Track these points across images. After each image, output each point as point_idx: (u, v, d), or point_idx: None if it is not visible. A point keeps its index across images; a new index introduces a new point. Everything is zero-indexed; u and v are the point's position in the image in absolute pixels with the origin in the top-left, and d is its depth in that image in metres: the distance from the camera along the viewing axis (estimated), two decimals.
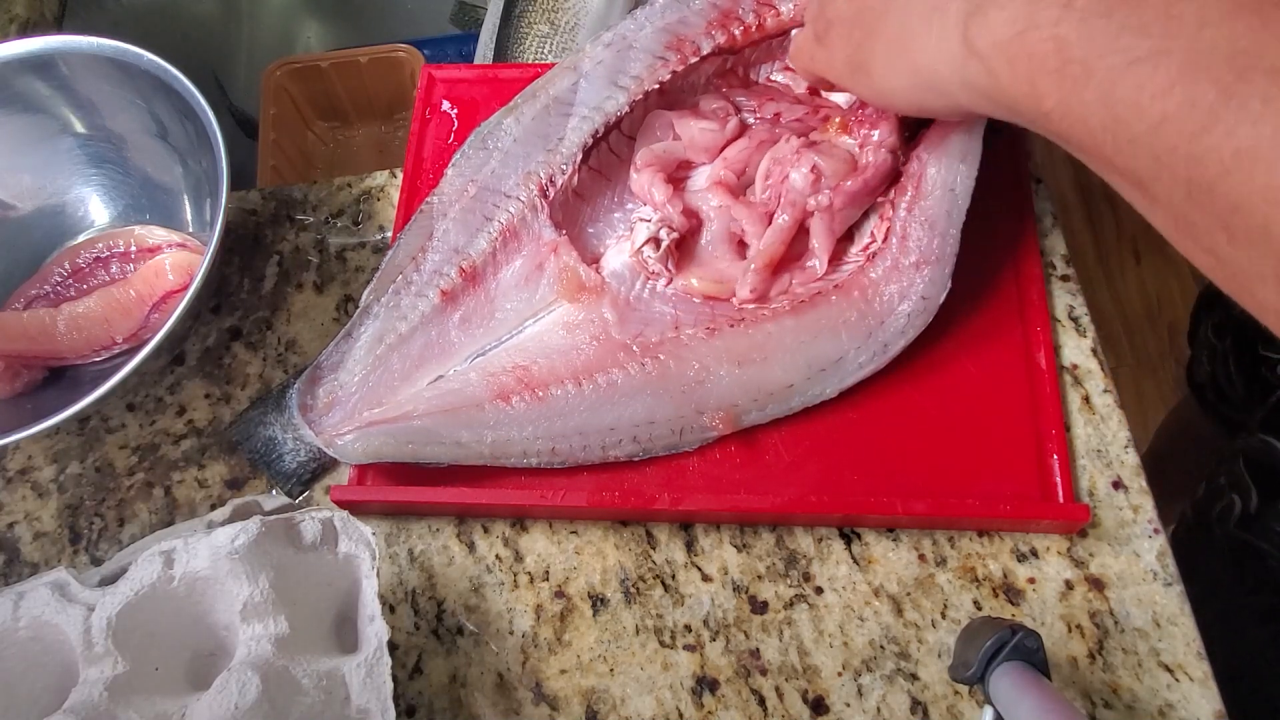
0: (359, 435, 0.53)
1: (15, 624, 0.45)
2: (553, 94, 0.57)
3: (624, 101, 0.56)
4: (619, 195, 0.59)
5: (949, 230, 0.52)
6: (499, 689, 0.51)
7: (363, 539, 0.47)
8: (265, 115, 0.88)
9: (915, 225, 0.52)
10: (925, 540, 0.52)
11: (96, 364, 0.62)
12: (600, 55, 0.57)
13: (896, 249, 0.52)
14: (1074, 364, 0.56)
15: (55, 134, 0.66)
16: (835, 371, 0.53)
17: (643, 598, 0.52)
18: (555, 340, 0.55)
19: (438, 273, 0.56)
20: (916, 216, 0.52)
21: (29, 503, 0.59)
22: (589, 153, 0.56)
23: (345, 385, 0.55)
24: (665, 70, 0.56)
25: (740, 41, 0.56)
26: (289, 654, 0.43)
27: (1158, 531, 0.51)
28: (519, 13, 0.78)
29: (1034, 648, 0.42)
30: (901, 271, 0.52)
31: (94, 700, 0.42)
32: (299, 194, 0.67)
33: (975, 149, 0.52)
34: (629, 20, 0.57)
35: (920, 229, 0.52)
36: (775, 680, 0.50)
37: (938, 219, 0.52)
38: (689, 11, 0.57)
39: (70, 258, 0.65)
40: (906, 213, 0.52)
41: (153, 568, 0.45)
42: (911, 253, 0.52)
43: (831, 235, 0.54)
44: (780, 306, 0.54)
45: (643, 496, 0.52)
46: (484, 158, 0.57)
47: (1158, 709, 0.48)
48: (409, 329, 0.55)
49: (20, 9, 0.80)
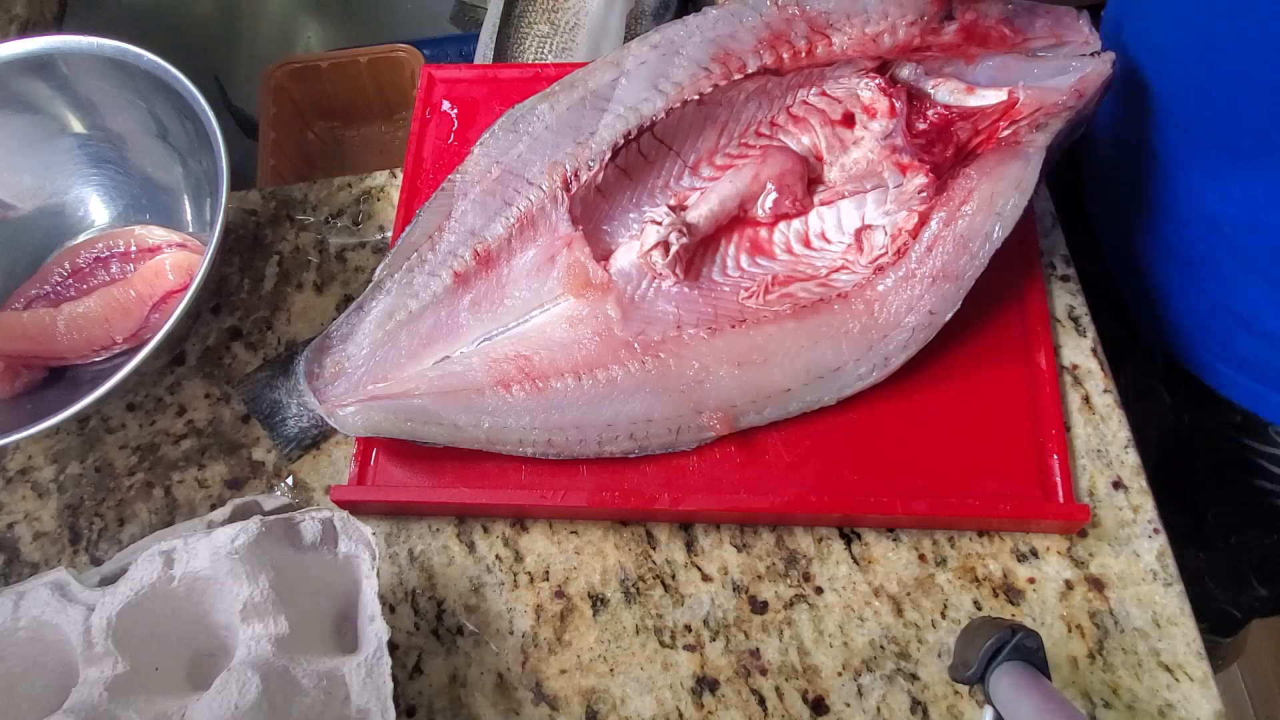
0: (360, 409, 0.53)
1: (15, 624, 0.45)
2: (591, 87, 0.57)
3: (661, 105, 0.56)
4: (639, 196, 0.59)
5: (980, 251, 0.52)
6: (499, 689, 0.51)
7: (363, 539, 0.47)
8: (265, 115, 0.88)
9: (948, 238, 0.52)
10: (925, 540, 0.52)
11: (96, 364, 0.62)
12: (645, 55, 0.57)
13: (916, 260, 0.53)
14: (1074, 364, 0.56)
15: (55, 134, 0.66)
16: (834, 380, 0.53)
17: (643, 598, 0.52)
18: (558, 333, 0.55)
19: (453, 254, 0.56)
20: (953, 230, 0.52)
21: (29, 503, 0.59)
22: (618, 151, 0.56)
23: (352, 357, 0.55)
24: (707, 82, 0.56)
25: (787, 65, 0.56)
26: (289, 654, 0.43)
27: (1158, 531, 0.51)
28: (519, 13, 0.78)
29: (1034, 648, 0.42)
30: (914, 282, 0.52)
31: (94, 700, 0.42)
32: (299, 194, 0.67)
33: (1031, 180, 0.52)
34: (679, 25, 0.57)
35: (952, 243, 0.52)
36: (775, 680, 0.50)
37: (973, 237, 0.52)
38: (740, 27, 0.56)
39: (70, 258, 0.65)
40: (942, 226, 0.53)
41: (153, 568, 0.45)
42: (933, 265, 0.52)
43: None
44: (782, 310, 0.54)
45: (643, 496, 0.52)
46: (512, 140, 0.57)
47: (1158, 709, 0.48)
48: (420, 307, 0.55)
49: (20, 9, 0.80)
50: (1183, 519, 0.70)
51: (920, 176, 0.54)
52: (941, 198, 0.53)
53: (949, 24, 0.54)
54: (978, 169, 0.53)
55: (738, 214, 0.58)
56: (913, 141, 0.55)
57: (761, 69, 0.56)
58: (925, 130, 0.55)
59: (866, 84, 0.57)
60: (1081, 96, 0.52)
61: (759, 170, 0.57)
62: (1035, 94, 0.53)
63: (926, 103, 0.56)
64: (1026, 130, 0.53)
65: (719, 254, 0.58)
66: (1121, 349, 0.63)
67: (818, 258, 0.57)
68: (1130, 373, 0.70)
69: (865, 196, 0.58)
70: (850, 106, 0.57)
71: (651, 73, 0.57)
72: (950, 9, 0.54)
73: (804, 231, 0.58)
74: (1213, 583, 0.78)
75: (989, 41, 0.54)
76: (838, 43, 0.56)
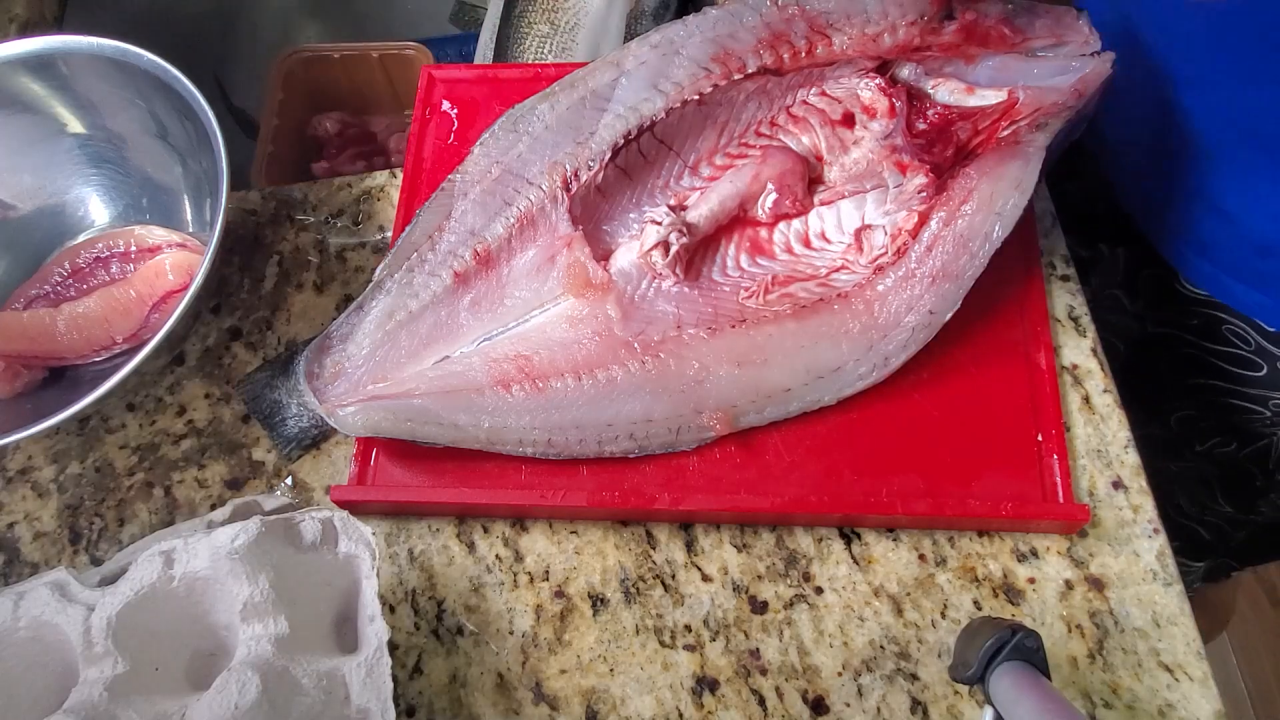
0: (360, 408, 0.53)
1: (15, 624, 0.45)
2: (591, 87, 0.57)
3: (661, 105, 0.56)
4: (639, 196, 0.59)
5: (980, 251, 0.52)
6: (499, 689, 0.51)
7: (363, 539, 0.47)
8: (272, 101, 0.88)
9: (948, 238, 0.52)
10: (925, 540, 0.52)
11: (96, 364, 0.62)
12: (645, 56, 0.57)
13: (916, 260, 0.53)
14: (1074, 364, 0.56)
15: (55, 134, 0.66)
16: (834, 380, 0.53)
17: (643, 598, 0.52)
18: (558, 333, 0.55)
19: (453, 254, 0.56)
20: (953, 229, 0.52)
21: (29, 503, 0.59)
22: (618, 151, 0.56)
23: (353, 357, 0.55)
24: (707, 82, 0.56)
25: (787, 65, 0.56)
26: (289, 654, 0.43)
27: (1158, 531, 0.51)
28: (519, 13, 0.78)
29: (1034, 648, 0.43)
30: (914, 282, 0.52)
31: (94, 700, 0.42)
32: (299, 194, 0.67)
33: (1031, 180, 0.52)
34: (679, 25, 0.57)
35: (952, 243, 0.52)
36: (775, 680, 0.50)
37: (973, 237, 0.52)
38: (740, 27, 0.56)
39: (70, 258, 0.65)
40: (942, 225, 0.53)
41: (153, 568, 0.45)
42: (933, 265, 0.52)
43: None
44: (782, 310, 0.54)
45: (643, 496, 0.52)
46: (512, 140, 0.57)
47: (1158, 709, 0.48)
48: (420, 307, 0.56)
49: (20, 9, 0.80)
50: (1155, 430, 0.74)
51: (920, 176, 0.54)
52: (941, 197, 0.53)
53: (949, 24, 0.54)
54: (977, 169, 0.53)
55: (738, 214, 0.58)
56: (913, 141, 0.55)
57: (761, 69, 0.56)
58: (925, 130, 0.55)
59: (866, 84, 0.57)
60: (1081, 96, 0.52)
61: (759, 170, 0.57)
62: (1035, 94, 0.53)
63: (926, 103, 0.56)
64: (1026, 130, 0.53)
65: (719, 254, 0.58)
66: (1085, 266, 0.66)
67: (818, 258, 0.57)
68: (1095, 284, 0.72)
69: (865, 196, 0.58)
70: (850, 106, 0.57)
71: (651, 73, 0.57)
72: (950, 9, 0.54)
73: (804, 231, 0.58)
74: (1181, 496, 0.80)
75: (989, 41, 0.54)
76: (838, 43, 0.56)
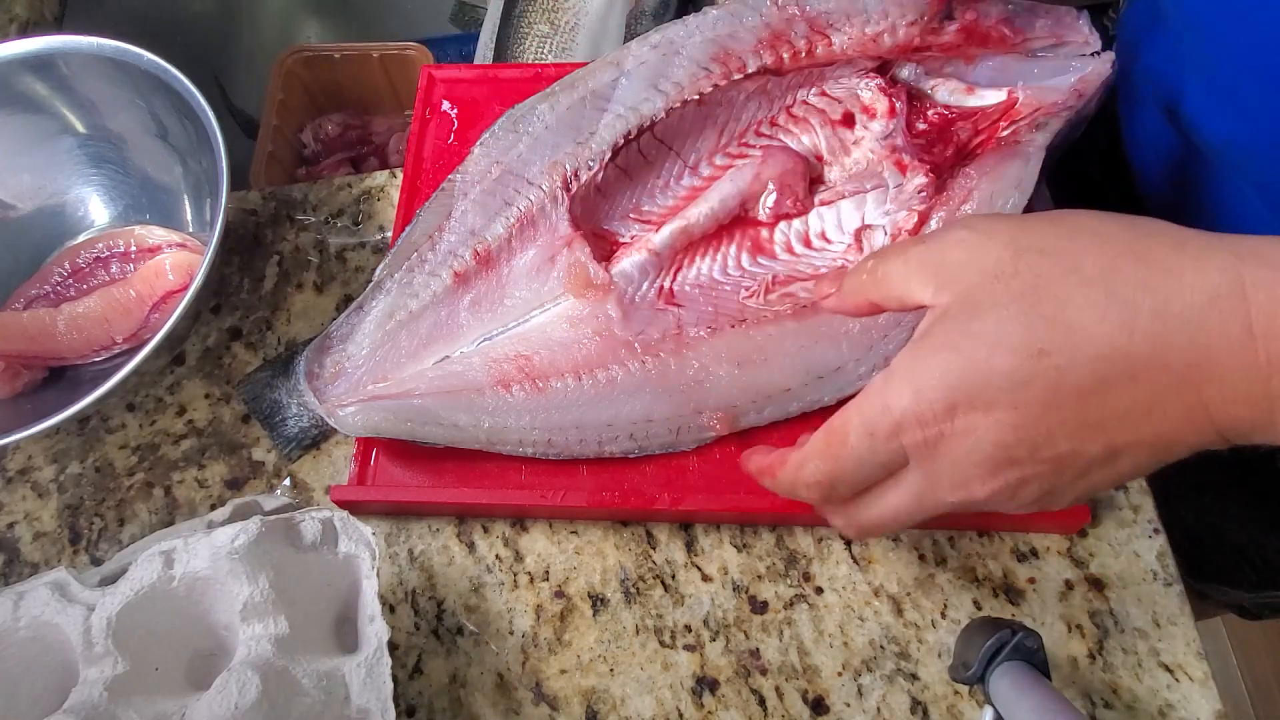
0: (361, 409, 0.54)
1: (15, 624, 0.45)
2: (591, 87, 0.57)
3: (661, 105, 0.56)
4: (639, 196, 0.59)
5: None
6: (499, 689, 0.51)
7: (363, 539, 0.47)
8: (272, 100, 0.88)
9: None
10: (925, 540, 0.52)
11: (96, 364, 0.62)
12: (644, 56, 0.57)
13: None
14: None
15: (55, 134, 0.66)
16: (834, 380, 0.53)
17: (643, 598, 0.52)
18: (558, 333, 0.55)
19: (453, 253, 0.56)
20: None
21: (29, 503, 0.59)
22: (618, 151, 0.56)
23: (353, 357, 0.55)
24: (707, 82, 0.56)
25: (787, 65, 0.56)
26: (289, 654, 0.43)
27: (1158, 531, 0.51)
28: (519, 13, 0.78)
29: (1034, 648, 0.43)
30: None
31: (94, 700, 0.42)
32: (299, 194, 0.67)
33: (1031, 180, 0.52)
34: (678, 25, 0.57)
35: None
36: (775, 680, 0.50)
37: None
38: (740, 27, 0.56)
39: (70, 258, 0.65)
40: (942, 225, 0.53)
41: (153, 568, 0.45)
42: None
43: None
44: (783, 309, 0.54)
45: (643, 496, 0.52)
46: (512, 140, 0.57)
47: (1158, 709, 0.48)
48: (420, 307, 0.56)
49: (20, 9, 0.80)
50: None
51: (920, 176, 0.54)
52: (941, 197, 0.53)
53: (949, 24, 0.54)
54: (977, 169, 0.53)
55: (738, 214, 0.58)
56: (913, 141, 0.55)
57: (761, 69, 0.56)
58: (925, 130, 0.55)
59: (866, 84, 0.57)
60: (1081, 96, 0.52)
61: (760, 170, 0.57)
62: (1035, 94, 0.53)
63: (926, 103, 0.56)
64: (1026, 130, 0.53)
65: (719, 254, 0.58)
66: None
67: (818, 257, 0.57)
68: None
69: (865, 196, 0.58)
70: (850, 106, 0.58)
71: (651, 73, 0.57)
72: (950, 9, 0.54)
73: (804, 231, 0.58)
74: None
75: (989, 41, 0.54)
76: (838, 43, 0.56)
